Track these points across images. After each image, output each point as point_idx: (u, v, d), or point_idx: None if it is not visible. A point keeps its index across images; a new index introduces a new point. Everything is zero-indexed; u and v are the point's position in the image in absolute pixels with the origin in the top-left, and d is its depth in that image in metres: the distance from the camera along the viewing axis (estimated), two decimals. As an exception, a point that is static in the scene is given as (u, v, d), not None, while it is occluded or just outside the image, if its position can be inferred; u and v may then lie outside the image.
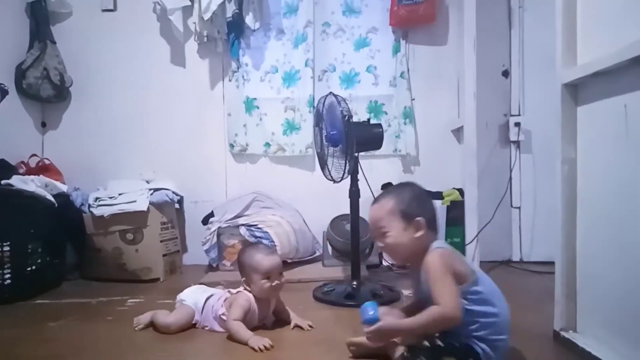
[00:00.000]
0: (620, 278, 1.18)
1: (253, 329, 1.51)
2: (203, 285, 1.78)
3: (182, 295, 1.68)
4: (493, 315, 1.12)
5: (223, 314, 1.53)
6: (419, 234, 1.16)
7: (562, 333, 1.38)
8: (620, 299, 1.18)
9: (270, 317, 1.63)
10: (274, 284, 1.53)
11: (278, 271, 1.55)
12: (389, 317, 1.21)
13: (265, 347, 1.38)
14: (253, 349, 1.38)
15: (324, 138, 2.05)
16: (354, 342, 1.31)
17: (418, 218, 1.17)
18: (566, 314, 1.39)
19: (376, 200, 1.27)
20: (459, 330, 1.10)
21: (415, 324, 1.12)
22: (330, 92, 2.01)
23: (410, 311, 1.23)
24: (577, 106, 1.38)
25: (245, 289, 1.56)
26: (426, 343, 1.13)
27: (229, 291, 1.62)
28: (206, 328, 1.59)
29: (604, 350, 1.21)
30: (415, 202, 1.20)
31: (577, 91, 1.38)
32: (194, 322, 1.61)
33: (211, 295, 1.62)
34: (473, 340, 1.11)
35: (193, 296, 1.65)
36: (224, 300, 1.58)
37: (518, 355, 1.20)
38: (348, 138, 1.89)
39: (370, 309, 1.17)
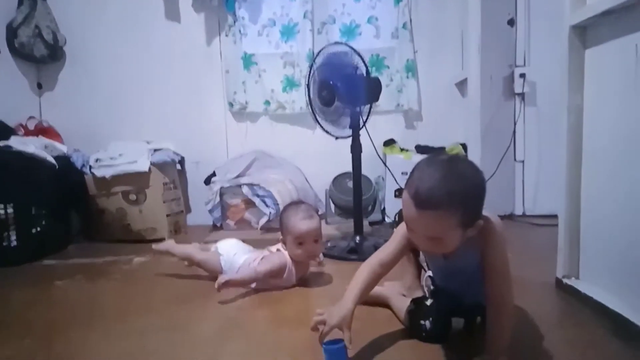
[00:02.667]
0: (624, 227, 1.16)
1: (291, 287, 1.52)
2: (241, 242, 1.69)
3: (220, 248, 1.63)
4: None
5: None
6: (475, 232, 0.95)
7: (565, 280, 1.39)
8: (623, 247, 1.17)
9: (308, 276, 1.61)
10: (308, 248, 1.49)
11: (313, 238, 1.49)
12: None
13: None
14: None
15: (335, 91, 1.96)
16: None
17: (480, 221, 0.94)
18: (569, 262, 1.39)
19: (428, 201, 0.89)
20: (479, 290, 1.01)
21: (507, 334, 0.97)
22: (335, 42, 1.93)
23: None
24: (585, 49, 1.33)
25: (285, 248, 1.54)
26: (431, 300, 1.09)
27: (268, 249, 1.59)
28: None
29: (606, 296, 1.21)
30: (478, 200, 0.93)
31: (586, 33, 1.32)
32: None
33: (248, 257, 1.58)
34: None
35: (231, 251, 1.60)
36: (261, 259, 1.53)
37: (520, 301, 1.21)
38: (356, 90, 1.84)
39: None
